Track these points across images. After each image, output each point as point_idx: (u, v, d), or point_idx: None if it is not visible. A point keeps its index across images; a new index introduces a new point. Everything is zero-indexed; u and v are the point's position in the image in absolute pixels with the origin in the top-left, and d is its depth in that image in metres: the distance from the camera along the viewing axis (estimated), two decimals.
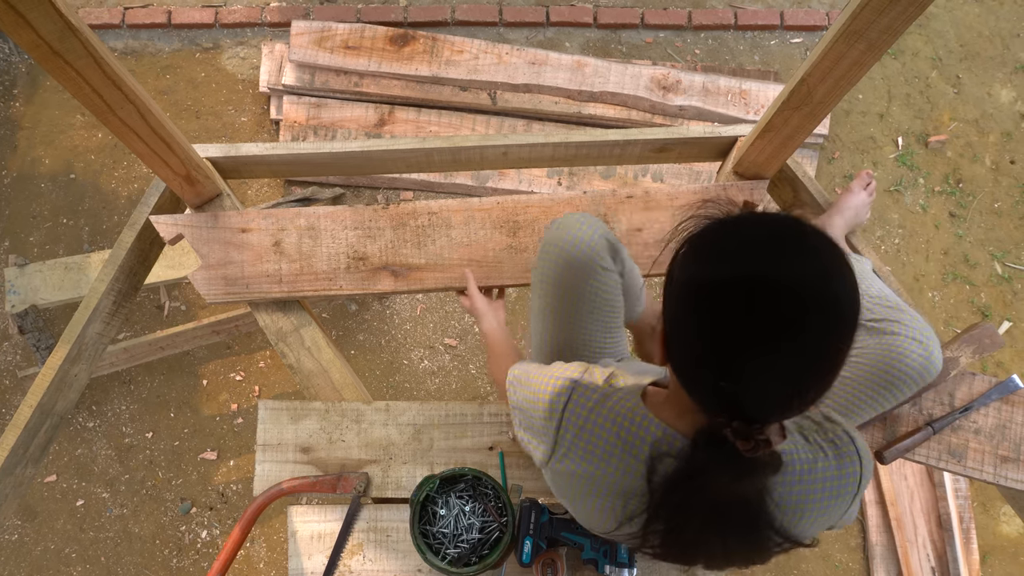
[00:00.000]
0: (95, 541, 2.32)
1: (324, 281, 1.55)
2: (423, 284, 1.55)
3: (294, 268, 1.55)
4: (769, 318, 0.67)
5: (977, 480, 1.43)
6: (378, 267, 1.55)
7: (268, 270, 1.55)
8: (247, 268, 1.55)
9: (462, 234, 1.55)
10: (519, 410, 1.05)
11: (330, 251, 1.55)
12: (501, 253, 1.55)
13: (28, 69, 2.83)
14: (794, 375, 0.69)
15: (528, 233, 1.57)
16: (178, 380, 2.47)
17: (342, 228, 1.56)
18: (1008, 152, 2.75)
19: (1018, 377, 1.43)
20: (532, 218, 1.57)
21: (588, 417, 0.93)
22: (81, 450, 2.40)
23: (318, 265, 1.55)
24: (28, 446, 1.48)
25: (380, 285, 1.54)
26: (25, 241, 2.60)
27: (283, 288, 1.55)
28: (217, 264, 1.55)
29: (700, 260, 0.74)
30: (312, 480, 1.46)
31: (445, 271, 1.55)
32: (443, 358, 2.49)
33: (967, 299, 2.57)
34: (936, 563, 2.21)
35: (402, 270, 1.55)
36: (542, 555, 1.36)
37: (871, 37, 1.18)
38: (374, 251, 1.55)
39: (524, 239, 1.56)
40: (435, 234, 1.55)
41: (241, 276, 1.55)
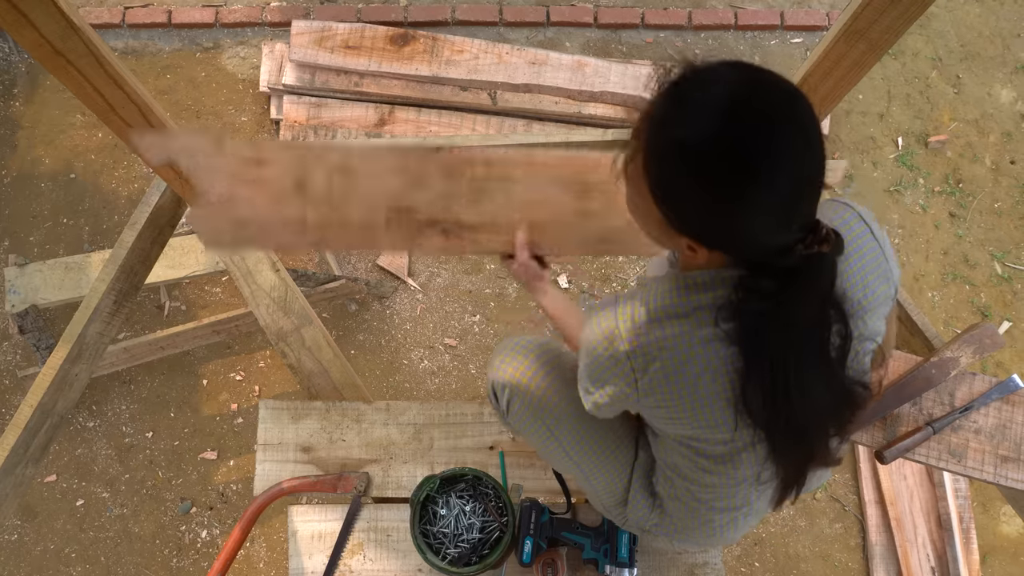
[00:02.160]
0: (95, 541, 2.32)
1: (360, 233, 1.28)
2: (476, 245, 1.30)
3: (321, 215, 1.26)
4: (773, 131, 0.71)
5: (977, 480, 1.43)
6: (424, 223, 1.28)
7: (289, 215, 1.25)
8: (261, 210, 1.25)
9: (523, 191, 1.29)
10: (585, 373, 1.02)
11: (368, 200, 1.26)
12: (566, 217, 1.30)
13: (28, 68, 2.83)
14: (812, 163, 0.75)
15: (599, 198, 1.30)
16: (178, 380, 2.47)
17: (382, 172, 1.26)
18: (1008, 152, 2.75)
19: (1018, 377, 1.43)
20: (604, 180, 1.30)
21: (643, 321, 0.91)
22: (81, 450, 2.40)
23: (352, 214, 1.26)
24: (28, 446, 1.48)
25: (428, 243, 1.29)
26: (25, 241, 2.60)
27: (309, 238, 1.28)
28: (220, 201, 1.25)
29: (681, 122, 0.75)
30: (312, 480, 1.46)
31: (500, 232, 1.29)
32: (443, 358, 2.49)
33: (967, 299, 2.57)
34: (936, 563, 2.21)
35: (454, 227, 1.28)
36: (542, 555, 1.36)
37: (872, 37, 1.18)
38: (421, 203, 1.26)
39: (594, 204, 1.30)
40: (492, 189, 1.28)
41: (254, 218, 1.25)
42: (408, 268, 2.56)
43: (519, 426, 1.28)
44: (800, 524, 2.31)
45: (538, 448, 1.31)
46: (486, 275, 2.56)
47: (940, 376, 1.42)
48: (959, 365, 1.43)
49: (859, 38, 1.19)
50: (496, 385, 1.28)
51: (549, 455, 1.29)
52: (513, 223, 1.29)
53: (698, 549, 1.45)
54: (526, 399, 1.23)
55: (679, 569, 1.44)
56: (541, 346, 1.27)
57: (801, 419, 0.87)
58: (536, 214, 1.30)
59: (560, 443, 1.24)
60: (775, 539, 2.30)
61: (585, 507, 1.46)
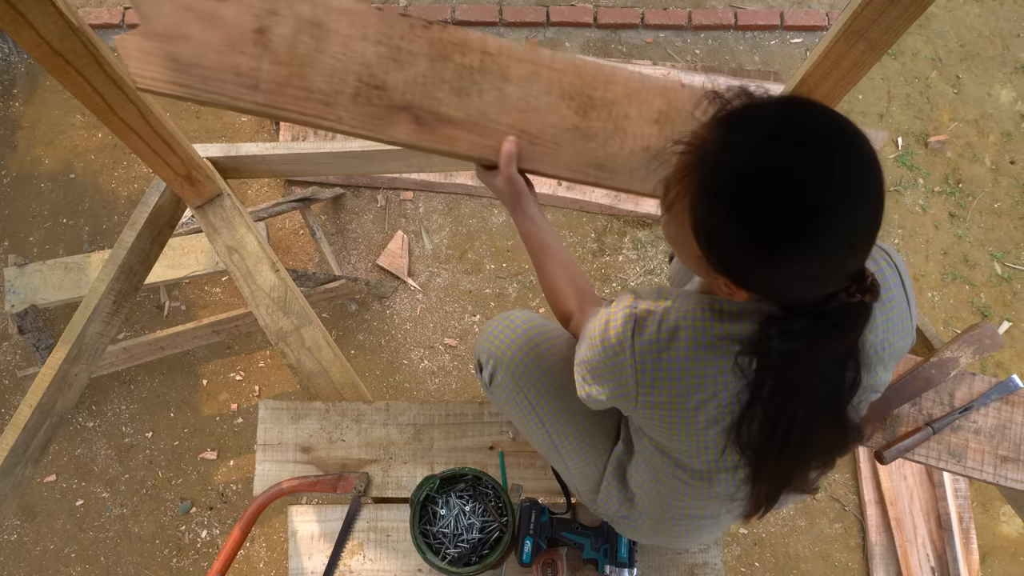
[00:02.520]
0: (95, 541, 2.32)
1: (318, 104, 1.10)
2: (452, 145, 1.14)
3: (279, 73, 1.08)
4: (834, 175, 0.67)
5: (977, 480, 1.43)
6: (398, 106, 1.11)
7: (241, 65, 1.07)
8: (209, 54, 1.06)
9: (519, 93, 1.14)
10: (585, 365, 0.98)
11: (336, 64, 1.09)
12: (562, 133, 1.16)
13: (27, 69, 2.83)
14: (867, 218, 0.71)
15: (603, 117, 1.17)
16: (178, 380, 2.47)
17: (360, 37, 1.10)
18: (1008, 152, 2.75)
19: (1018, 377, 1.43)
20: (612, 99, 1.17)
21: (659, 338, 0.88)
22: (81, 450, 2.40)
23: (314, 79, 1.09)
24: (28, 446, 1.48)
25: (394, 131, 1.12)
26: (25, 241, 2.60)
27: (257, 99, 1.08)
28: (164, 34, 1.05)
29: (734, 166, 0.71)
30: (312, 480, 1.46)
31: (484, 135, 1.14)
32: (443, 358, 2.49)
33: (967, 299, 2.57)
34: (936, 563, 2.21)
35: (429, 118, 1.12)
36: (542, 555, 1.36)
37: (872, 37, 1.18)
38: (397, 82, 1.11)
39: (595, 124, 1.16)
40: (485, 82, 1.13)
41: (198, 63, 1.06)
42: (408, 268, 2.56)
43: (501, 398, 1.27)
44: (800, 524, 2.31)
45: (518, 424, 1.31)
46: (486, 275, 2.56)
47: (940, 376, 1.42)
48: (959, 365, 1.43)
49: (859, 38, 1.19)
50: (481, 355, 1.27)
51: (529, 432, 1.29)
52: (500, 128, 1.14)
53: (660, 547, 1.44)
54: (510, 371, 1.22)
55: (679, 569, 1.44)
56: (530, 320, 1.26)
57: (793, 455, 0.87)
58: (528, 123, 1.15)
59: (540, 420, 1.24)
60: (775, 539, 2.30)
61: (585, 507, 1.46)
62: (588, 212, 2.62)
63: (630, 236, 2.60)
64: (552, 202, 2.61)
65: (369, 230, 2.62)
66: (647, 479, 1.11)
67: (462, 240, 2.60)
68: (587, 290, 1.16)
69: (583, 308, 1.13)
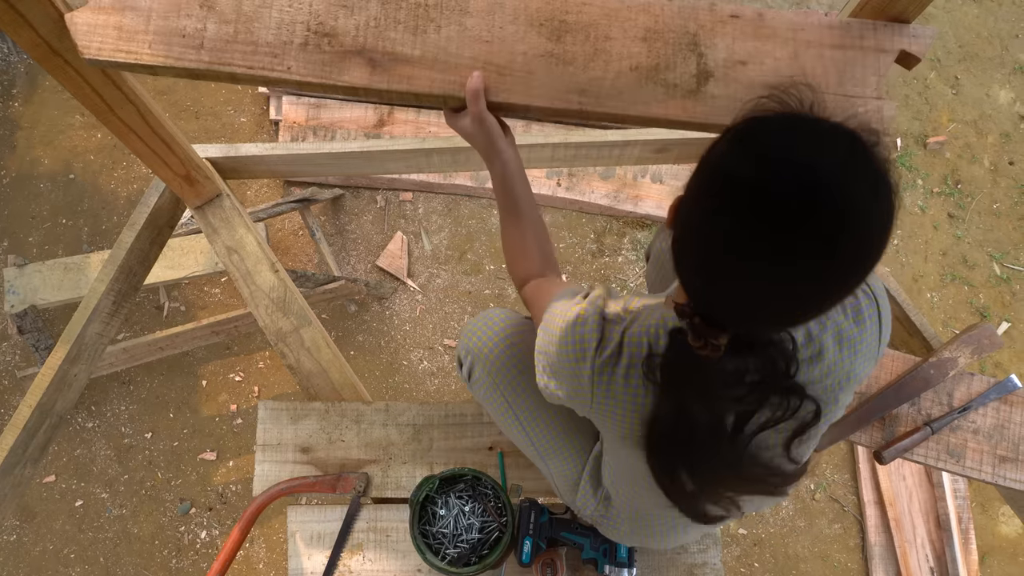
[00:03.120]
0: (94, 542, 2.31)
1: (265, 56, 1.07)
2: (411, 84, 1.07)
3: (226, 32, 1.07)
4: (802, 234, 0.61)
5: (976, 480, 1.44)
6: (350, 50, 1.07)
7: (186, 27, 1.07)
8: (155, 19, 1.07)
9: (482, 25, 1.07)
10: (546, 357, 0.96)
11: (283, 16, 1.08)
12: (534, 61, 1.07)
13: (27, 69, 2.83)
14: (805, 296, 0.66)
15: (578, 41, 1.07)
16: (177, 381, 2.47)
17: None
18: (1007, 153, 2.75)
19: (1016, 377, 1.43)
20: (588, 21, 1.08)
21: (620, 352, 0.87)
22: (80, 450, 2.40)
23: (261, 33, 1.07)
24: (27, 446, 1.47)
25: (348, 75, 1.07)
26: (24, 241, 2.60)
27: (202, 57, 1.07)
28: (111, 6, 1.07)
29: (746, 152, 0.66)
30: (312, 480, 1.46)
31: (446, 71, 1.07)
32: (442, 359, 2.49)
33: (966, 300, 2.57)
34: (935, 563, 2.21)
35: (384, 59, 1.07)
36: (542, 555, 1.36)
37: None
38: (348, 27, 1.07)
39: (571, 48, 1.07)
40: (442, 18, 1.07)
41: (143, 29, 1.07)
42: (408, 269, 2.56)
43: (480, 395, 1.28)
44: (799, 524, 2.31)
45: (497, 420, 1.31)
46: (486, 276, 2.56)
47: (939, 376, 1.42)
48: (957, 365, 1.43)
49: None
50: (461, 352, 1.28)
51: (507, 429, 1.30)
52: (463, 63, 1.06)
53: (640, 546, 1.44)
54: (487, 367, 1.22)
55: (678, 569, 1.44)
56: (508, 319, 1.26)
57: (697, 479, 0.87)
58: (495, 54, 1.07)
59: (517, 418, 1.24)
60: (774, 539, 2.30)
61: None
62: (587, 213, 2.62)
63: (629, 237, 2.60)
64: (551, 203, 2.61)
65: (368, 231, 2.62)
66: (617, 479, 1.11)
67: (461, 241, 2.60)
68: (551, 257, 1.12)
69: (544, 274, 1.10)
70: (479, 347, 1.23)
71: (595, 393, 0.90)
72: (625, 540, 1.27)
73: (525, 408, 1.22)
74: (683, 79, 1.08)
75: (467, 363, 1.26)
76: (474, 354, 1.24)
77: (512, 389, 1.21)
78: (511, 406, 1.23)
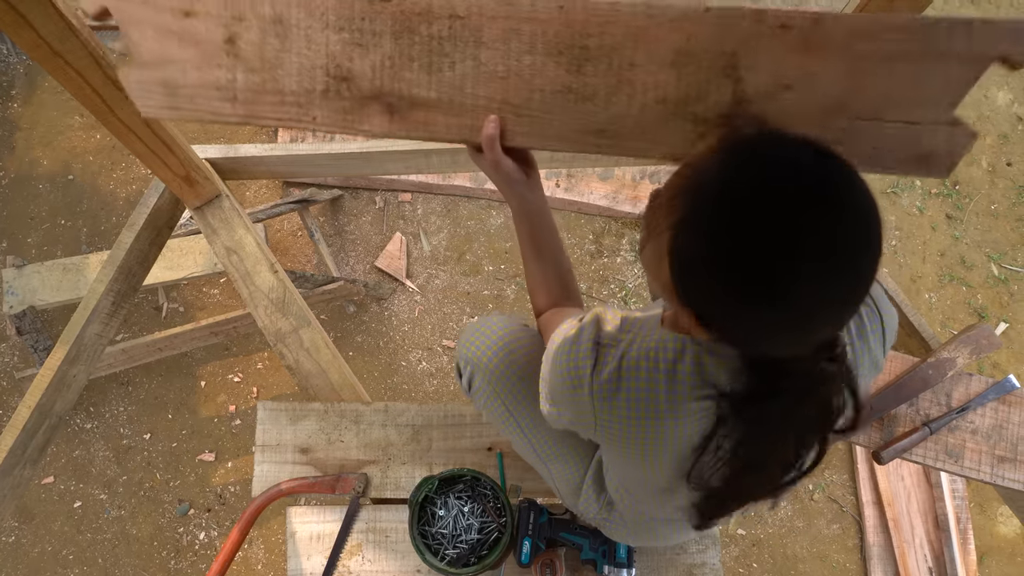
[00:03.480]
0: (92, 543, 2.31)
1: (292, 107, 1.07)
2: (428, 130, 1.05)
3: (254, 81, 1.08)
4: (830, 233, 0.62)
5: (974, 480, 1.44)
6: (368, 95, 1.05)
7: (219, 79, 1.08)
8: (190, 72, 1.08)
9: (497, 58, 1.00)
10: (547, 384, 0.96)
11: (303, 61, 1.06)
12: (552, 99, 0.99)
13: (26, 70, 2.83)
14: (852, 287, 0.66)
15: (600, 71, 0.97)
16: (176, 381, 2.47)
17: (321, 26, 1.04)
18: (1005, 154, 2.76)
19: (1014, 377, 1.43)
20: (612, 45, 0.96)
21: (618, 376, 0.86)
22: (79, 452, 2.40)
23: (286, 81, 1.07)
24: (26, 447, 1.47)
25: (368, 124, 1.06)
26: (23, 242, 2.60)
27: (237, 110, 1.09)
28: (153, 62, 1.08)
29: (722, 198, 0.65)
30: (311, 481, 1.46)
31: (462, 114, 1.03)
32: (441, 360, 2.49)
33: (964, 300, 2.57)
34: (933, 563, 2.21)
35: (401, 104, 1.04)
36: (541, 555, 1.36)
37: None
38: (364, 69, 1.04)
39: (592, 80, 0.97)
40: (456, 52, 1.01)
41: (183, 83, 1.09)
42: (406, 270, 2.57)
43: (481, 403, 1.27)
44: (798, 525, 2.31)
45: (499, 428, 1.31)
46: (484, 277, 2.56)
47: (937, 377, 1.43)
48: (956, 366, 1.43)
49: None
50: (460, 361, 1.27)
51: (509, 435, 1.30)
52: (480, 104, 1.01)
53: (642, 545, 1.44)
54: (486, 377, 1.22)
55: (677, 569, 1.44)
56: (506, 326, 1.25)
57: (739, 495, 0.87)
58: (511, 92, 1.00)
59: (519, 425, 1.24)
60: (773, 540, 2.30)
61: None
62: (586, 214, 2.62)
63: (628, 238, 2.60)
64: (550, 204, 2.60)
65: (367, 232, 2.62)
66: (621, 487, 1.11)
67: (460, 242, 2.60)
68: (573, 294, 1.13)
69: (560, 304, 1.10)
70: (478, 356, 1.22)
71: (599, 418, 0.90)
72: (628, 540, 1.28)
73: (526, 415, 1.22)
74: (714, 111, 0.95)
75: (467, 373, 1.26)
76: (473, 364, 1.23)
77: (513, 397, 1.21)
78: (512, 414, 1.23)
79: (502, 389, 1.22)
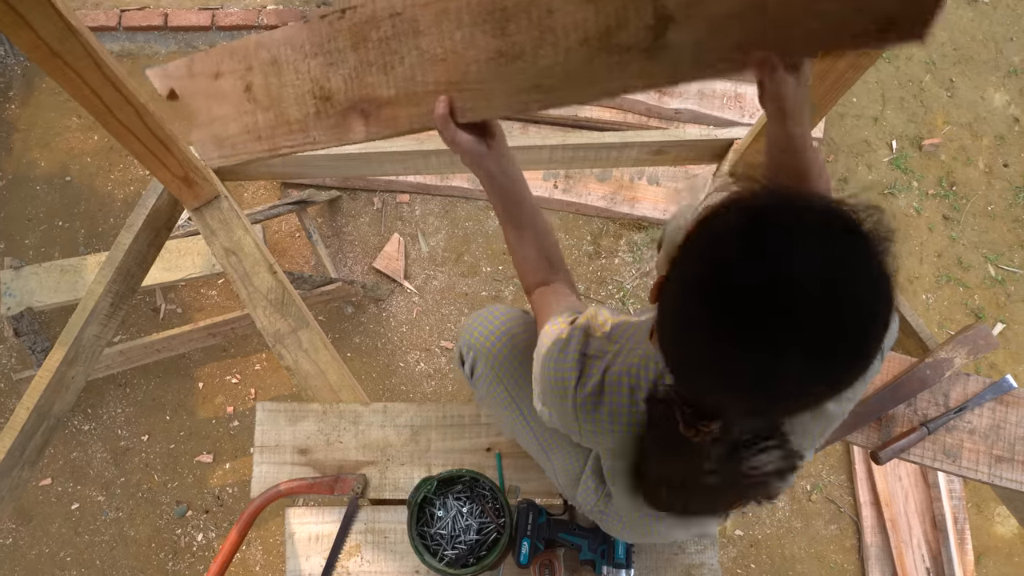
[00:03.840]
0: (90, 545, 2.31)
1: (299, 134, 1.21)
2: (396, 125, 1.11)
3: (269, 118, 1.23)
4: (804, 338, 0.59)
5: (972, 480, 1.44)
6: (346, 107, 1.14)
7: (247, 124, 1.25)
8: (231, 125, 1.26)
9: (434, 42, 1.03)
10: (538, 384, 0.98)
11: (297, 90, 1.18)
12: (485, 67, 1.00)
13: (24, 71, 2.83)
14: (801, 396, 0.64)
15: (523, 27, 0.95)
16: (174, 383, 2.47)
17: (303, 57, 1.15)
18: (1001, 155, 2.77)
19: (1012, 377, 1.44)
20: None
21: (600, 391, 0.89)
22: (76, 453, 2.39)
23: (290, 111, 1.20)
24: (24, 448, 1.47)
25: (352, 133, 1.15)
26: (20, 244, 2.60)
27: (264, 147, 1.26)
28: (206, 122, 1.28)
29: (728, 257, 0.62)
30: (310, 481, 1.46)
31: (419, 104, 1.07)
32: (439, 360, 2.49)
33: (961, 301, 2.58)
34: (931, 564, 2.21)
35: (371, 107, 1.12)
36: (540, 556, 1.36)
37: None
38: (338, 84, 1.13)
39: (517, 38, 0.96)
40: (402, 48, 1.06)
41: (226, 135, 1.28)
42: (404, 271, 2.57)
43: (482, 391, 1.28)
44: (796, 525, 2.32)
45: (500, 416, 1.32)
46: (482, 278, 2.56)
47: (935, 377, 1.43)
48: (953, 366, 1.44)
49: None
50: (463, 347, 1.28)
51: (510, 424, 1.30)
52: (429, 90, 1.05)
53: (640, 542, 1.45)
54: (489, 362, 1.23)
55: (676, 570, 1.44)
56: (509, 313, 1.27)
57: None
58: (452, 71, 1.03)
59: (520, 411, 1.25)
60: (771, 540, 2.30)
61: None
62: (584, 215, 2.62)
63: (626, 239, 2.61)
64: (547, 205, 2.61)
65: (365, 233, 2.62)
66: (618, 482, 1.12)
67: (458, 243, 2.61)
68: (557, 261, 1.12)
69: (550, 280, 1.09)
70: (481, 342, 1.23)
71: (582, 427, 0.92)
72: (624, 536, 1.27)
73: (528, 401, 1.23)
74: (638, 36, 0.89)
75: (469, 359, 1.26)
76: (476, 349, 1.24)
77: (515, 382, 1.22)
78: (514, 399, 1.23)
79: (504, 374, 1.22)
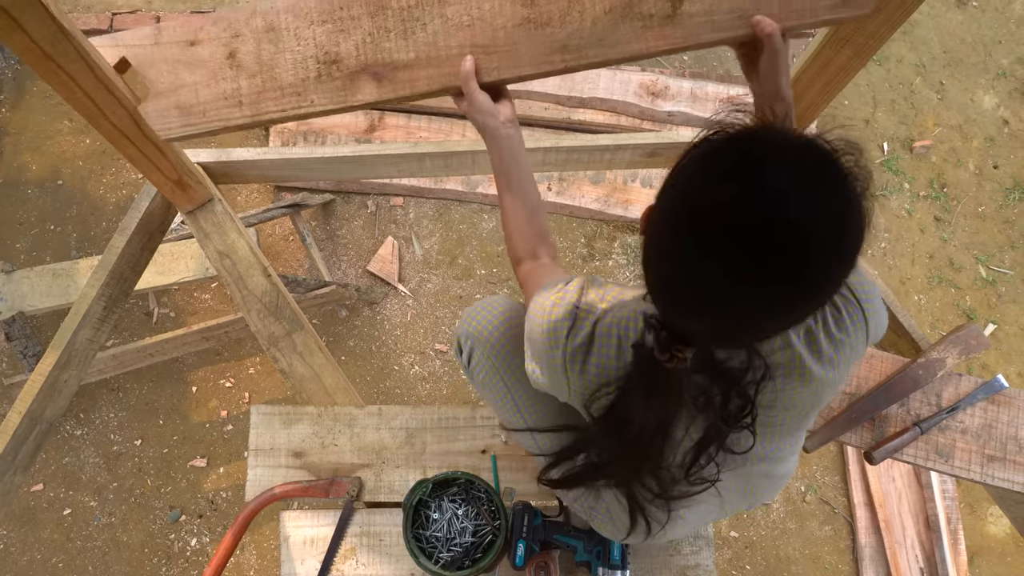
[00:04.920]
0: (83, 550, 2.29)
1: (292, 97, 1.22)
2: (414, 87, 1.19)
3: (255, 84, 1.22)
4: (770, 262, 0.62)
5: (965, 480, 1.45)
6: (356, 70, 1.19)
7: (225, 90, 1.23)
8: (201, 91, 1.24)
9: (460, 11, 1.14)
10: (530, 343, 1.00)
11: (296, 56, 1.20)
12: (515, 32, 1.13)
13: (14, 75, 2.81)
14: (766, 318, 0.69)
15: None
16: (167, 387, 2.46)
17: (307, 24, 1.19)
18: (991, 157, 2.79)
19: (1003, 377, 1.45)
20: None
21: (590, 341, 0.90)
22: (69, 458, 2.38)
23: (283, 76, 1.21)
24: (16, 453, 1.46)
25: (361, 95, 1.20)
26: (12, 248, 2.58)
27: (244, 112, 1.24)
28: (167, 90, 1.24)
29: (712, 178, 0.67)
30: (305, 485, 1.45)
31: (441, 66, 1.16)
32: (434, 364, 2.49)
33: (952, 302, 2.60)
34: (924, 564, 2.22)
35: (386, 70, 1.18)
36: (535, 558, 1.36)
37: (857, 43, 1.20)
38: (349, 49, 1.18)
39: (547, 6, 1.12)
40: (425, 15, 1.15)
41: (196, 102, 1.24)
42: (398, 274, 2.56)
43: (479, 379, 1.28)
44: (790, 527, 2.32)
45: (494, 406, 1.32)
46: (477, 280, 2.57)
47: (927, 377, 1.44)
48: (945, 366, 1.45)
49: (845, 44, 1.21)
50: (461, 337, 1.29)
51: (504, 415, 1.30)
52: (453, 53, 1.15)
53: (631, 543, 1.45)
54: (487, 351, 1.24)
55: (671, 571, 1.44)
56: (507, 303, 1.28)
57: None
58: (478, 35, 1.14)
59: (515, 403, 1.25)
60: (765, 541, 2.31)
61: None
62: (578, 217, 2.63)
63: (620, 241, 2.61)
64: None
65: (359, 236, 2.62)
66: None
67: (452, 245, 2.61)
68: (544, 235, 1.15)
69: (537, 254, 1.12)
70: (479, 331, 1.24)
71: (570, 381, 0.93)
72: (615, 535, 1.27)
73: (523, 392, 1.23)
74: (658, 5, 1.09)
75: (467, 348, 1.27)
76: (474, 338, 1.25)
77: (511, 373, 1.23)
78: (510, 390, 1.24)
79: (501, 363, 1.23)
